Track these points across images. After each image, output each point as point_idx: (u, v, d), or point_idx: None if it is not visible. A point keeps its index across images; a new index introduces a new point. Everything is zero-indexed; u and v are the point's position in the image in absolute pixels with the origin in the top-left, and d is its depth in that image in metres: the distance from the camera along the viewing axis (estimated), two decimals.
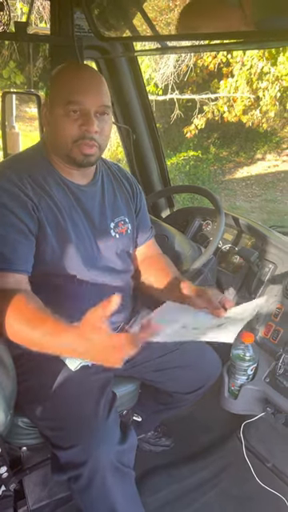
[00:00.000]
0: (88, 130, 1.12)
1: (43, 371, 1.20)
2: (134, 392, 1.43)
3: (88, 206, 1.25)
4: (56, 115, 1.13)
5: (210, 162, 7.99)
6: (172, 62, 6.84)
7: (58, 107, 1.12)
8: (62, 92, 1.12)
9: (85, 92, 1.12)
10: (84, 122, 1.12)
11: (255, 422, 1.61)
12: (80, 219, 1.22)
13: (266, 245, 1.73)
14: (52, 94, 1.15)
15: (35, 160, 1.20)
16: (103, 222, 1.28)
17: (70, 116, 1.11)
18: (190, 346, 1.45)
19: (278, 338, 1.56)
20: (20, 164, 1.18)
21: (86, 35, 1.75)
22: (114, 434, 1.11)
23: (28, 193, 1.13)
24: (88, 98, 1.11)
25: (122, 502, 1.12)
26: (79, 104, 1.11)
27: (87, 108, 1.12)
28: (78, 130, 1.12)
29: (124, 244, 1.33)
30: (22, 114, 8.67)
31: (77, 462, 1.08)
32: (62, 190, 1.20)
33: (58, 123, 1.13)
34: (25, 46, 1.97)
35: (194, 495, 1.59)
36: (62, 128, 1.12)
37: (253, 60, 6.46)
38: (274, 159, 8.40)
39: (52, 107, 1.14)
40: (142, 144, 2.15)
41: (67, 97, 1.10)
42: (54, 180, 1.20)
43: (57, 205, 1.18)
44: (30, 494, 1.35)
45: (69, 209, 1.20)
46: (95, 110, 1.13)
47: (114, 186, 1.35)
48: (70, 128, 1.12)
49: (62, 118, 1.12)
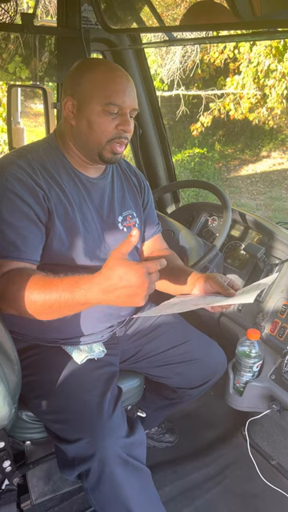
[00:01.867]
0: (125, 130, 1.15)
1: (48, 365, 1.20)
2: (138, 387, 1.42)
3: (97, 198, 1.25)
4: (91, 113, 1.13)
5: (215, 160, 7.96)
6: (178, 58, 6.81)
7: (96, 105, 1.12)
8: (101, 91, 1.12)
9: (125, 94, 1.14)
10: (121, 123, 1.14)
11: (260, 420, 1.60)
12: (89, 211, 1.22)
13: (273, 241, 1.72)
14: (84, 89, 1.13)
15: (47, 151, 1.20)
16: (111, 216, 1.27)
17: (107, 115, 1.13)
18: (196, 341, 1.44)
19: (284, 334, 1.54)
20: (31, 154, 1.17)
21: (93, 27, 1.74)
22: (120, 426, 1.10)
23: (39, 182, 1.12)
24: (127, 100, 1.14)
25: (137, 499, 1.09)
26: (119, 105, 1.13)
27: (125, 109, 1.14)
28: (115, 130, 1.15)
29: None
30: (26, 110, 8.66)
31: (84, 455, 1.07)
32: (72, 182, 1.20)
33: (93, 120, 1.13)
34: (30, 40, 1.94)
35: (198, 492, 1.58)
36: (99, 126, 1.13)
37: (259, 57, 6.42)
38: (280, 157, 8.35)
39: (85, 103, 1.13)
40: (148, 139, 2.14)
41: (109, 97, 1.11)
42: (66, 171, 1.20)
43: (67, 196, 1.17)
44: (34, 489, 1.34)
45: (79, 200, 1.20)
46: (130, 111, 1.16)
47: (123, 181, 1.35)
48: (108, 127, 1.14)
49: (98, 116, 1.13)
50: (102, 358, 1.26)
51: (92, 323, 1.25)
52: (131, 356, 1.40)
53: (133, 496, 1.07)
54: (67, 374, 1.17)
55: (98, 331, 1.27)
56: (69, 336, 1.23)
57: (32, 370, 1.19)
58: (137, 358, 1.40)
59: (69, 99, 1.15)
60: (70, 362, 1.20)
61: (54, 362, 1.20)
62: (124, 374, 1.37)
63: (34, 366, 1.20)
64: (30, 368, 1.19)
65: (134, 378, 1.41)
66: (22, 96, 8.12)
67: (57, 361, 1.20)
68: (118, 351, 1.35)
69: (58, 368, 1.18)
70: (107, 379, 1.19)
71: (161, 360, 1.40)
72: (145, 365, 1.41)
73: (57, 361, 1.20)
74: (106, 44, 1.86)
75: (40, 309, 0.98)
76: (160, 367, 1.41)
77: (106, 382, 1.17)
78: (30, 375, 1.18)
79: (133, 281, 0.87)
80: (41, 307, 0.98)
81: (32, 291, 0.97)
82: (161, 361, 1.40)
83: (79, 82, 1.14)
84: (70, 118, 1.16)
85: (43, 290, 0.96)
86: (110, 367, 1.23)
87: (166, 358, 1.40)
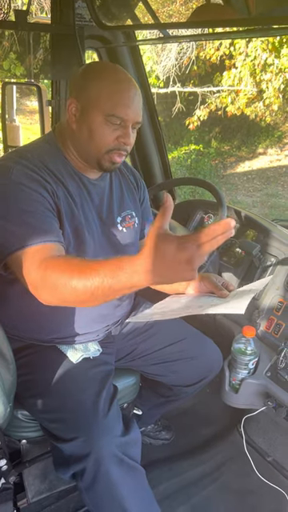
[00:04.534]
0: (125, 143, 1.13)
1: (44, 364, 1.20)
2: (134, 385, 1.43)
3: (97, 199, 1.24)
4: (93, 121, 1.11)
5: (211, 157, 7.95)
6: (174, 55, 6.79)
7: (98, 113, 1.10)
8: (106, 102, 1.10)
9: (129, 107, 1.11)
10: (122, 135, 1.12)
11: (256, 416, 1.61)
12: (90, 212, 1.21)
13: (268, 238, 1.72)
14: (89, 96, 1.11)
15: (48, 151, 1.18)
16: (110, 216, 1.27)
17: (109, 126, 1.11)
18: (192, 338, 1.45)
19: (279, 331, 1.55)
20: (31, 153, 1.15)
21: (87, 24, 1.73)
22: (115, 425, 1.10)
23: (46, 178, 1.11)
24: (130, 112, 1.12)
25: (132, 499, 1.09)
26: (121, 118, 1.11)
27: (127, 122, 1.12)
28: (115, 141, 1.13)
29: (131, 238, 1.32)
30: (22, 107, 8.62)
31: (80, 454, 1.07)
32: (75, 182, 1.19)
33: (95, 129, 1.12)
34: (25, 37, 1.93)
35: (194, 489, 1.59)
36: (100, 135, 1.12)
37: (256, 51, 6.40)
38: (276, 153, 8.35)
39: (88, 109, 1.11)
40: (143, 136, 2.13)
41: (112, 109, 1.10)
42: (68, 172, 1.18)
43: (72, 195, 1.16)
44: (30, 487, 1.34)
45: (81, 201, 1.19)
46: (132, 124, 1.14)
47: (121, 181, 1.34)
48: (108, 138, 1.12)
49: (101, 125, 1.11)
50: (97, 356, 1.26)
51: (87, 324, 1.24)
52: (127, 354, 1.40)
53: (128, 495, 1.08)
54: (62, 373, 1.17)
55: (93, 330, 1.27)
56: (64, 335, 1.23)
57: (27, 370, 1.19)
58: (132, 356, 1.40)
59: (73, 101, 1.13)
60: (65, 361, 1.20)
61: (49, 361, 1.20)
62: (120, 372, 1.38)
63: (29, 366, 1.20)
64: (26, 367, 1.19)
65: (130, 376, 1.41)
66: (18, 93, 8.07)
67: (52, 360, 1.19)
68: (113, 350, 1.35)
69: (54, 367, 1.18)
70: (102, 378, 1.19)
71: (157, 358, 1.40)
72: (141, 363, 1.42)
73: (52, 360, 1.19)
74: (100, 41, 1.85)
75: (82, 296, 0.90)
76: (156, 365, 1.41)
77: (102, 381, 1.17)
78: (25, 374, 1.18)
79: (178, 256, 0.78)
80: (83, 294, 0.89)
81: (71, 277, 0.89)
82: (157, 359, 1.40)
83: (85, 87, 1.12)
84: (71, 121, 1.15)
85: (84, 276, 0.88)
86: (105, 366, 1.23)
87: (162, 356, 1.40)
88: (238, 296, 1.13)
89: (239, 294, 1.14)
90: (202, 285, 1.20)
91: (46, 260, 0.96)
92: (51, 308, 1.10)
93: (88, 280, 0.88)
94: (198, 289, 1.21)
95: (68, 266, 0.93)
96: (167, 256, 0.79)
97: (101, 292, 0.88)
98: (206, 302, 1.12)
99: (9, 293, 1.18)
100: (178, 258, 0.78)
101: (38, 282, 0.95)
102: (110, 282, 0.86)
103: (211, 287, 1.18)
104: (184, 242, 0.78)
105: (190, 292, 1.23)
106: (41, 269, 0.95)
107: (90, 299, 0.90)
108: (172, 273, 0.80)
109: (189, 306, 1.12)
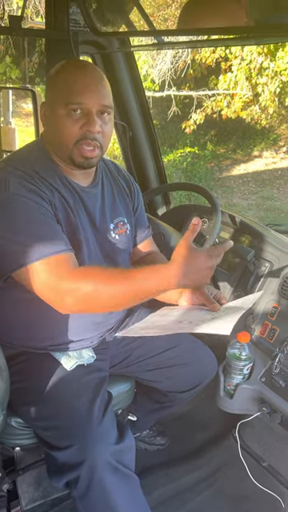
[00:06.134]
0: (90, 131, 1.10)
1: (37, 371, 1.19)
2: (129, 391, 1.42)
3: (90, 207, 1.22)
4: (56, 115, 1.10)
5: (207, 159, 7.97)
6: (169, 58, 6.81)
7: (59, 107, 1.09)
8: (62, 92, 1.09)
9: (85, 91, 1.09)
10: (85, 122, 1.09)
11: (251, 422, 1.61)
12: (84, 220, 1.20)
13: (263, 243, 1.72)
14: (51, 94, 1.12)
15: (39, 159, 1.17)
16: (103, 224, 1.26)
17: (71, 116, 1.09)
18: (186, 344, 1.44)
19: (274, 337, 1.55)
20: (25, 162, 1.14)
21: (81, 30, 1.73)
22: (110, 433, 1.10)
23: (42, 188, 1.10)
24: (89, 97, 1.09)
25: (126, 507, 1.08)
26: (80, 104, 1.08)
27: (89, 108, 1.09)
28: (80, 131, 1.10)
29: (124, 245, 1.31)
30: (18, 110, 8.60)
31: (74, 462, 1.06)
32: (68, 190, 1.18)
33: (58, 124, 1.10)
34: (20, 41, 1.93)
35: (189, 495, 1.58)
36: (63, 129, 1.10)
37: (252, 55, 6.43)
38: (271, 156, 8.37)
39: (52, 107, 1.11)
40: (138, 141, 2.13)
41: (68, 97, 1.08)
42: (61, 180, 1.17)
43: (68, 203, 1.15)
44: (24, 495, 1.33)
45: (75, 209, 1.18)
46: (97, 109, 1.10)
47: (113, 187, 1.32)
48: (71, 129, 1.09)
49: (62, 118, 1.09)
50: (91, 363, 1.25)
51: (81, 331, 1.24)
52: (121, 360, 1.40)
53: (122, 504, 1.07)
54: (56, 381, 1.16)
55: (87, 337, 1.26)
56: (58, 342, 1.22)
57: (20, 377, 1.18)
58: (127, 362, 1.40)
59: (43, 105, 1.15)
60: (58, 368, 1.19)
61: (42, 368, 1.19)
62: (114, 378, 1.37)
63: (22, 373, 1.19)
64: (19, 374, 1.18)
65: (125, 382, 1.41)
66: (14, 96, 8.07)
67: (45, 367, 1.19)
68: (107, 356, 1.35)
69: (47, 374, 1.17)
70: (96, 385, 1.18)
71: (151, 364, 1.40)
72: (135, 369, 1.41)
73: (45, 367, 1.19)
74: (94, 47, 1.85)
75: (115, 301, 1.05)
76: (150, 371, 1.41)
77: (96, 388, 1.17)
78: (18, 382, 1.17)
79: (202, 266, 1.01)
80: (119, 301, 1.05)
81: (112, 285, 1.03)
82: (151, 365, 1.40)
83: (48, 86, 1.14)
84: (44, 123, 1.16)
85: (124, 283, 1.03)
86: (99, 373, 1.23)
87: (157, 362, 1.39)
88: (227, 312, 1.12)
89: (229, 310, 1.14)
90: (194, 297, 1.20)
91: (76, 271, 1.05)
92: (45, 315, 1.10)
93: (127, 286, 1.03)
94: (191, 300, 1.21)
95: (108, 276, 1.05)
96: (198, 263, 1.01)
97: (133, 296, 1.04)
98: (197, 317, 1.12)
99: (1, 300, 1.17)
100: (206, 265, 1.01)
101: (68, 292, 1.02)
102: (144, 286, 1.03)
103: (203, 299, 1.18)
104: (210, 253, 1.02)
105: (183, 303, 1.23)
106: (73, 279, 1.03)
107: (121, 304, 1.08)
108: (200, 277, 1.02)
109: (180, 321, 1.12)
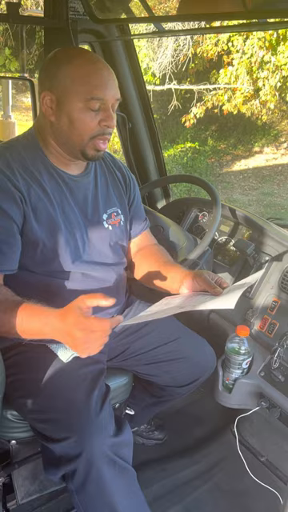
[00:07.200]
0: (109, 126, 1.10)
1: (33, 364, 1.17)
2: (127, 385, 1.41)
3: (81, 197, 1.21)
4: (72, 109, 1.08)
5: (207, 155, 7.94)
6: (170, 52, 6.76)
7: (77, 101, 1.07)
8: (82, 86, 1.06)
9: (107, 87, 1.08)
10: (104, 118, 1.09)
11: (249, 417, 1.59)
12: (72, 211, 1.18)
13: (263, 237, 1.70)
14: (64, 84, 1.08)
15: (27, 148, 1.15)
16: (96, 214, 1.24)
17: (89, 111, 1.08)
18: (185, 339, 1.43)
19: (273, 331, 1.53)
20: (9, 152, 1.13)
21: (80, 18, 1.70)
22: (107, 425, 1.08)
23: (16, 183, 1.08)
24: (108, 92, 1.09)
25: (123, 501, 1.07)
26: (101, 99, 1.08)
27: (107, 103, 1.09)
28: (98, 127, 1.10)
29: (117, 236, 1.30)
30: (18, 104, 8.56)
31: (71, 454, 1.04)
32: (54, 181, 1.16)
33: (75, 117, 1.08)
34: (19, 31, 1.90)
35: (187, 489, 1.57)
36: (81, 123, 1.09)
37: (253, 48, 6.39)
38: (272, 152, 8.35)
39: (65, 99, 1.08)
40: (138, 132, 2.11)
41: (90, 92, 1.06)
42: (47, 170, 1.15)
43: (48, 195, 1.14)
44: (20, 488, 1.32)
45: (60, 200, 1.16)
46: (112, 103, 1.11)
47: (107, 177, 1.31)
48: (90, 123, 1.09)
49: (80, 113, 1.08)
50: None
51: None
52: (120, 354, 1.38)
53: (119, 497, 1.05)
54: (52, 373, 1.14)
55: None
56: None
57: (16, 370, 1.16)
58: (125, 355, 1.38)
59: (47, 94, 1.10)
60: (55, 360, 1.17)
61: (38, 360, 1.17)
62: (112, 371, 1.35)
63: (18, 365, 1.17)
64: (14, 367, 1.16)
65: (123, 376, 1.39)
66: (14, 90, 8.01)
67: (42, 359, 1.17)
68: (105, 349, 1.32)
69: (43, 367, 1.16)
70: (94, 377, 1.16)
71: (149, 358, 1.38)
72: (133, 362, 1.39)
73: (42, 359, 1.17)
74: (94, 35, 1.82)
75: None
76: (149, 365, 1.39)
77: (93, 380, 1.15)
78: (14, 374, 1.15)
79: (78, 335, 0.95)
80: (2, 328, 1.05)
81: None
82: (149, 359, 1.38)
83: (56, 75, 1.08)
84: (49, 113, 1.11)
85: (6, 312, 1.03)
86: (96, 365, 1.21)
87: (155, 356, 1.38)
88: (230, 291, 1.11)
89: (232, 289, 1.13)
90: (195, 283, 1.19)
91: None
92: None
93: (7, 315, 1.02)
94: (192, 287, 1.19)
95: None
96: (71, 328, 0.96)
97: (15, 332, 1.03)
98: (200, 301, 1.11)
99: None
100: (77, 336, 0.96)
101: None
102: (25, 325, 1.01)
103: (205, 285, 1.16)
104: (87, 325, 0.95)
105: (184, 291, 1.21)
106: None
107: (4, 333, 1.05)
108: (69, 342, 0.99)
109: (182, 306, 1.10)
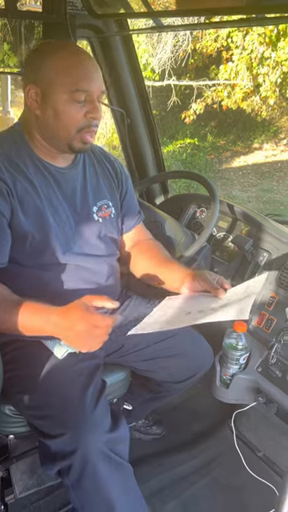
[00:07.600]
0: (95, 118, 1.10)
1: (29, 360, 1.18)
2: (124, 380, 1.41)
3: (69, 189, 1.20)
4: (57, 101, 1.07)
5: (206, 151, 7.92)
6: (169, 47, 6.73)
7: (62, 93, 1.06)
8: (67, 78, 1.06)
9: (92, 79, 1.08)
10: (90, 110, 1.09)
11: (247, 412, 1.60)
12: (60, 203, 1.18)
13: (261, 233, 1.70)
14: (48, 76, 1.07)
15: (12, 142, 1.15)
16: (85, 206, 1.24)
17: (75, 103, 1.07)
18: (183, 335, 1.42)
19: (271, 327, 1.54)
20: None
21: (79, 13, 1.69)
22: (103, 421, 1.08)
23: (1, 175, 1.08)
24: (93, 84, 1.08)
25: (119, 496, 1.07)
26: (86, 91, 1.07)
27: (93, 95, 1.08)
28: (84, 119, 1.09)
29: (107, 228, 1.29)
30: (17, 100, 8.52)
31: (66, 450, 1.05)
32: (40, 173, 1.16)
33: (60, 110, 1.08)
34: (17, 26, 1.89)
35: (185, 484, 1.58)
36: (66, 115, 1.08)
37: (253, 44, 6.35)
38: (272, 149, 8.33)
39: (50, 92, 1.07)
40: (136, 128, 2.10)
41: (75, 84, 1.06)
42: (33, 163, 1.15)
43: (35, 188, 1.13)
44: (18, 482, 1.33)
45: (47, 192, 1.16)
46: (98, 95, 1.10)
47: (97, 169, 1.30)
48: (76, 116, 1.09)
49: (66, 105, 1.07)
50: None
51: None
52: (117, 350, 1.38)
53: (115, 493, 1.06)
54: (48, 369, 1.14)
55: None
56: None
57: (13, 366, 1.17)
58: (123, 351, 1.38)
59: (31, 87, 1.09)
60: (50, 356, 1.17)
61: (34, 357, 1.17)
62: (110, 367, 1.36)
63: (14, 362, 1.17)
64: (11, 363, 1.17)
65: (120, 371, 1.40)
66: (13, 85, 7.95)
67: (37, 356, 1.17)
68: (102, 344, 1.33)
69: (39, 363, 1.16)
70: (89, 372, 1.16)
71: (147, 354, 1.38)
72: (131, 358, 1.40)
73: (37, 356, 1.17)
74: (92, 30, 1.81)
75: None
76: (146, 361, 1.39)
77: (88, 376, 1.15)
78: (11, 370, 1.16)
79: (81, 328, 0.97)
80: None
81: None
82: (147, 355, 1.38)
83: (41, 67, 1.08)
84: (34, 107, 1.10)
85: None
86: (92, 360, 1.21)
87: (153, 353, 1.38)
88: (235, 297, 1.10)
89: (235, 293, 1.11)
90: (196, 283, 1.16)
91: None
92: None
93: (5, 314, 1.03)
94: (193, 288, 1.17)
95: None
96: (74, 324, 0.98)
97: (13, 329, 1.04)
98: (205, 304, 1.09)
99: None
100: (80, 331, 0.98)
101: None
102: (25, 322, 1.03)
103: (206, 286, 1.14)
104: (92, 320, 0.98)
105: (185, 291, 1.19)
106: None
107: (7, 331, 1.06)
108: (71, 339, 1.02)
109: (189, 312, 1.08)
